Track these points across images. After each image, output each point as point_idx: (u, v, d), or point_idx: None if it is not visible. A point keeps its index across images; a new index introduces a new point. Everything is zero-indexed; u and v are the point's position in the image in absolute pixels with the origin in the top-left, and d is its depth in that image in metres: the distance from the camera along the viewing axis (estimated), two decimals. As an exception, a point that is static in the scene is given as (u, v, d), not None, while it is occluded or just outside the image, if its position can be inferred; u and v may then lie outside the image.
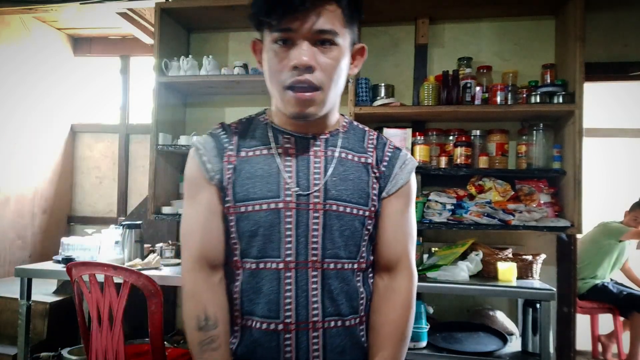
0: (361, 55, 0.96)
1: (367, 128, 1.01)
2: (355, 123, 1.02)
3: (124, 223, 2.47)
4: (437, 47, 2.72)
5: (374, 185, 0.94)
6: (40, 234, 3.67)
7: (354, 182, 0.92)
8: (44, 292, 2.93)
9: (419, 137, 2.50)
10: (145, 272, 1.91)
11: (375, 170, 0.94)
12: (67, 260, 2.25)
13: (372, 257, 0.98)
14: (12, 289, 2.79)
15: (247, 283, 0.90)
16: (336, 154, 0.93)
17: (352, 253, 0.92)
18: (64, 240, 2.58)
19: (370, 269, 0.99)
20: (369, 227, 0.94)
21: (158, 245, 2.66)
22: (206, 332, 0.89)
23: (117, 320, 1.83)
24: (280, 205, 0.88)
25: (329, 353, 0.89)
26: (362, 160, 0.95)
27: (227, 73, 2.64)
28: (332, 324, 0.90)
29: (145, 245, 2.58)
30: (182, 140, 2.67)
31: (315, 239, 0.89)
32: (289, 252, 0.88)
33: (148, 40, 3.49)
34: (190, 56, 2.70)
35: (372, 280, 0.99)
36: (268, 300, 0.88)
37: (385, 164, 0.96)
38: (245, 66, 2.66)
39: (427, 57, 2.70)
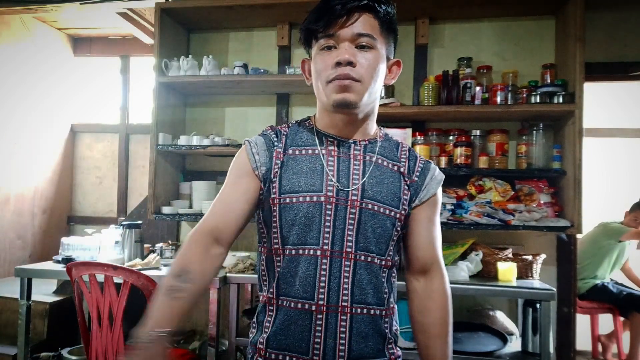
0: (398, 67, 1.08)
1: (400, 140, 1.11)
2: (390, 135, 1.12)
3: (124, 223, 2.47)
4: (437, 47, 2.73)
5: (405, 192, 1.03)
6: (40, 234, 3.67)
7: (388, 185, 1.02)
8: (44, 292, 2.93)
9: (419, 137, 2.50)
10: (145, 272, 1.91)
11: (407, 179, 1.04)
12: (67, 260, 2.25)
13: (397, 258, 1.07)
14: (12, 289, 2.79)
15: (286, 267, 0.99)
16: (373, 159, 1.03)
17: (381, 250, 1.00)
18: (64, 240, 2.58)
19: (394, 269, 1.06)
20: (399, 229, 1.03)
21: (158, 245, 2.66)
22: (180, 282, 0.95)
23: (117, 320, 1.83)
24: (322, 198, 0.98)
25: (354, 336, 0.97)
26: (396, 168, 1.05)
27: (227, 73, 2.64)
28: (359, 310, 0.98)
29: (145, 245, 2.58)
30: (182, 140, 2.67)
31: (350, 232, 0.98)
32: (326, 241, 0.97)
33: (148, 40, 3.49)
34: (190, 56, 2.70)
35: (395, 279, 1.07)
36: (304, 283, 0.97)
37: (417, 174, 1.06)
38: (245, 66, 2.65)
39: (427, 57, 2.71)
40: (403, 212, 1.02)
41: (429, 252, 1.08)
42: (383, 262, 1.01)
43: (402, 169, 1.05)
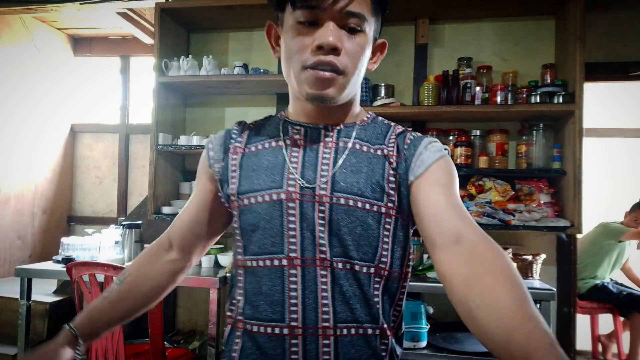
0: (381, 52, 0.88)
1: (393, 124, 0.89)
2: (381, 119, 0.91)
3: (124, 223, 2.47)
4: (437, 47, 2.72)
5: (391, 178, 0.81)
6: (40, 234, 3.67)
7: (367, 174, 0.80)
8: (44, 292, 2.93)
9: (419, 137, 2.49)
10: (145, 272, 1.90)
11: (393, 160, 0.82)
12: (67, 260, 2.25)
13: (403, 269, 0.84)
14: (12, 289, 2.79)
15: (249, 284, 0.82)
16: (349, 145, 0.83)
17: (366, 255, 0.79)
18: (64, 240, 2.58)
19: (397, 281, 0.83)
20: (389, 227, 0.81)
21: (158, 245, 2.66)
22: (115, 284, 0.94)
23: (117, 320, 1.83)
24: (283, 196, 0.80)
25: None
26: (379, 152, 0.83)
27: (227, 73, 2.64)
28: (346, 331, 0.77)
29: (145, 245, 2.58)
30: (182, 140, 2.67)
31: (322, 235, 0.78)
32: (292, 247, 0.78)
33: (148, 40, 3.49)
34: (190, 56, 2.70)
35: (401, 294, 0.85)
36: (271, 301, 0.79)
37: (406, 147, 0.83)
38: (245, 66, 2.66)
39: (427, 57, 2.70)
40: (391, 204, 0.80)
41: (456, 219, 0.74)
42: (372, 270, 0.79)
43: (386, 152, 0.82)
